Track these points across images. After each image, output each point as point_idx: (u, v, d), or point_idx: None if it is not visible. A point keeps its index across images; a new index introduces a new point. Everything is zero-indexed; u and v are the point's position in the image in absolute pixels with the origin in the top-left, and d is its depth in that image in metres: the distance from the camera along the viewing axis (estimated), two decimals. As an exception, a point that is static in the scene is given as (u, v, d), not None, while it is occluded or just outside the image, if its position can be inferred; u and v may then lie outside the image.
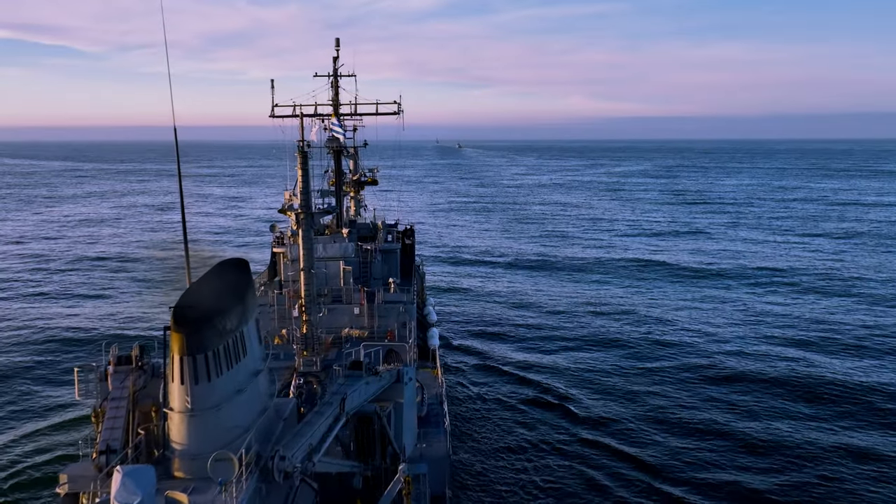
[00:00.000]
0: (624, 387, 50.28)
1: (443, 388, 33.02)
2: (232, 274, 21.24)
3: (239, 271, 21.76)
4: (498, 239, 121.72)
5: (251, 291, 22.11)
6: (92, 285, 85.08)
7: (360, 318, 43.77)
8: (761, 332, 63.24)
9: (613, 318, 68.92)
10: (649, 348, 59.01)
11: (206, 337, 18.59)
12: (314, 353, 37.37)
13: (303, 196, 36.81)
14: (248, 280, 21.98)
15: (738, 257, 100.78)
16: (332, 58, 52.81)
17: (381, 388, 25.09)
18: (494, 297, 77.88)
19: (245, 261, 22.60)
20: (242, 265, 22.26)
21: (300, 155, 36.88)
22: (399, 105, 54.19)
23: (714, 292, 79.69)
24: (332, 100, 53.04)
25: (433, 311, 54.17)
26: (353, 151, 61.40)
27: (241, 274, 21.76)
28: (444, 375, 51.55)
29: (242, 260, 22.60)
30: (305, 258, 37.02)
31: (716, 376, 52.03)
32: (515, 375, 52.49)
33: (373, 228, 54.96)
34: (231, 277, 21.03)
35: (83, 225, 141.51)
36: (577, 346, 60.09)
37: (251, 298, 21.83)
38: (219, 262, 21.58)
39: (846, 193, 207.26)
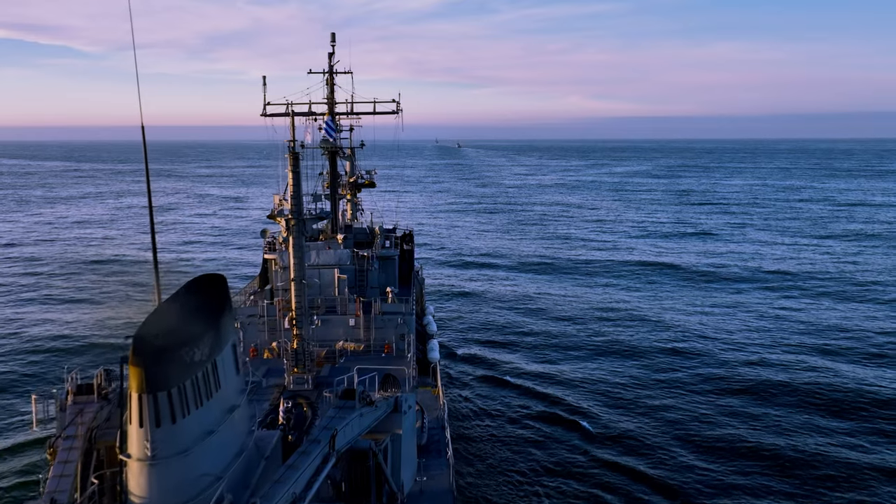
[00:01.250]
0: (638, 399, 47.57)
1: (444, 411, 30.29)
2: (205, 293, 18.42)
3: (214, 289, 18.94)
4: (500, 241, 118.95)
5: (228, 313, 19.32)
6: (83, 289, 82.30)
7: (355, 329, 41.07)
8: (778, 338, 60.54)
9: (622, 323, 66.24)
10: (661, 356, 56.32)
11: (169, 371, 15.85)
12: (305, 370, 34.72)
13: (294, 201, 34.17)
14: (224, 300, 19.18)
15: (748, 260, 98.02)
16: (328, 54, 50.18)
17: (377, 419, 22.37)
18: (497, 302, 75.19)
19: (221, 277, 19.78)
20: (218, 282, 19.43)
21: (291, 156, 34.20)
22: (398, 104, 51.56)
23: (725, 296, 76.98)
24: (327, 98, 50.40)
25: (433, 321, 51.45)
26: (349, 152, 58.81)
27: (217, 293, 18.93)
28: (446, 389, 48.98)
29: (218, 276, 19.77)
30: (296, 268, 34.33)
31: (734, 387, 49.31)
32: (522, 387, 49.75)
33: (370, 233, 52.26)
34: (204, 297, 18.21)
35: (77, 227, 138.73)
36: (586, 355, 57.39)
37: (227, 322, 19.05)
38: (190, 280, 18.79)
39: (852, 194, 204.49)
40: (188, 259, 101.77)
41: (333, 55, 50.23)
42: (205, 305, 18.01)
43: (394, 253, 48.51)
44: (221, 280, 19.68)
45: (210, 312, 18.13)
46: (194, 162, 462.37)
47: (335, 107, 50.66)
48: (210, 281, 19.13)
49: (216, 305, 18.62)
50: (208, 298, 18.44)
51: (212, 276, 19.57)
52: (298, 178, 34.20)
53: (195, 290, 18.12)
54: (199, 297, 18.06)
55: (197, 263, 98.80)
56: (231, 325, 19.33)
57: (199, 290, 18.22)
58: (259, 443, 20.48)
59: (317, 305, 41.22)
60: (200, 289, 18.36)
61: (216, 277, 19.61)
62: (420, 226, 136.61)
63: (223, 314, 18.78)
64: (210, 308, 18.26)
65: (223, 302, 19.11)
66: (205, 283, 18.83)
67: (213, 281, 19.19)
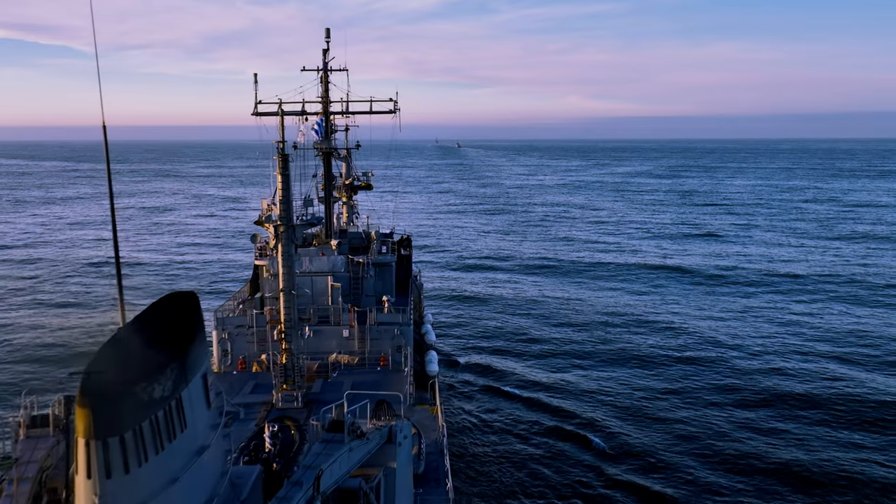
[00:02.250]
0: (648, 411, 45.32)
1: (444, 433, 28.02)
2: (172, 316, 16.07)
3: (183, 311, 16.58)
4: (501, 243, 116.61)
5: (199, 339, 16.97)
6: (75, 294, 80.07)
7: (349, 341, 38.88)
8: (793, 345, 58.32)
9: (629, 328, 64.03)
10: (671, 365, 54.10)
11: (123, 412, 13.55)
12: (295, 387, 32.50)
13: (283, 206, 31.96)
14: (194, 323, 16.80)
15: (756, 262, 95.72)
16: (322, 50, 47.95)
17: (369, 452, 20.09)
18: (499, 307, 72.90)
19: (193, 295, 17.37)
20: (188, 302, 17.02)
21: (280, 158, 31.98)
22: (395, 103, 49.29)
23: (734, 300, 74.78)
24: (321, 97, 48.17)
25: (432, 329, 49.24)
26: (345, 153, 56.63)
27: (186, 315, 16.58)
28: (446, 403, 46.71)
29: (189, 295, 17.35)
30: (285, 277, 32.11)
31: (750, 398, 47.13)
32: (526, 399, 47.49)
33: (365, 238, 50.02)
34: (170, 321, 15.87)
35: (70, 228, 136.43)
36: (593, 363, 55.14)
37: (198, 349, 16.69)
38: (155, 301, 16.46)
39: (857, 194, 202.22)
40: (181, 262, 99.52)
41: (328, 52, 48.02)
42: (171, 330, 15.68)
43: (390, 259, 46.30)
44: (192, 299, 17.30)
45: (177, 339, 15.80)
46: (193, 162, 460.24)
47: (330, 106, 48.46)
48: (179, 301, 16.75)
49: (185, 330, 16.28)
50: (175, 322, 16.11)
51: (181, 294, 17.19)
52: (288, 182, 32.02)
53: (160, 313, 15.76)
54: (164, 320, 15.73)
55: (190, 266, 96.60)
56: (203, 351, 17.00)
57: (164, 313, 15.87)
58: (235, 481, 18.19)
59: (308, 315, 39.05)
60: (166, 311, 16.01)
61: (186, 296, 17.22)
62: (419, 227, 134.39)
63: (193, 340, 16.43)
64: (177, 333, 15.93)
65: (194, 325, 16.77)
66: (172, 304, 16.47)
67: (182, 300, 16.81)
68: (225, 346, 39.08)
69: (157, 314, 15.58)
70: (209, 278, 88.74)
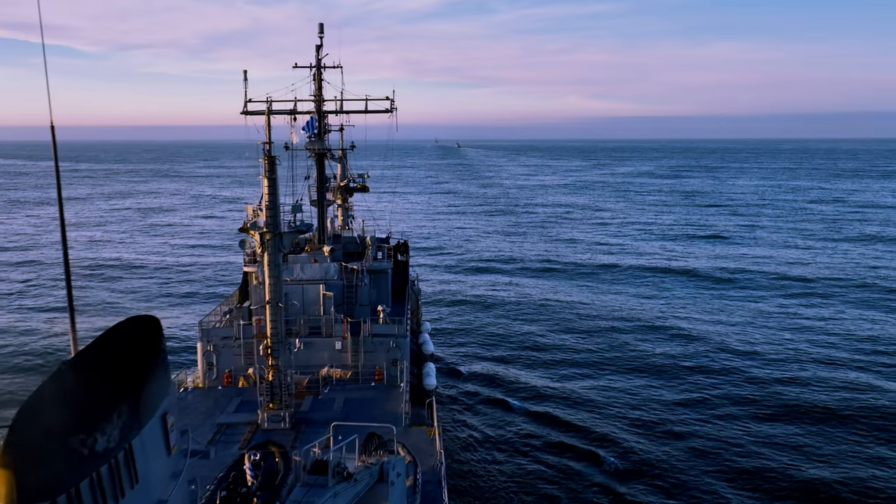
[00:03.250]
0: (661, 423, 42.96)
1: (442, 461, 25.75)
2: (125, 347, 13.67)
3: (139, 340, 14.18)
4: (502, 245, 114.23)
5: (158, 374, 14.57)
6: (60, 298, 77.79)
7: (342, 354, 36.65)
8: (809, 352, 55.93)
9: (638, 335, 61.71)
10: (684, 373, 51.76)
11: (55, 472, 11.22)
12: (282, 406, 30.28)
13: (269, 212, 29.74)
14: (152, 355, 14.38)
15: (765, 264, 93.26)
16: (316, 46, 45.73)
17: (357, 496, 17.80)
18: (501, 312, 70.56)
19: (153, 321, 14.89)
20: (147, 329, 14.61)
21: (266, 161, 29.74)
22: (392, 101, 47.01)
23: (744, 304, 72.42)
24: (314, 95, 45.94)
25: (430, 339, 46.97)
26: (340, 154, 54.47)
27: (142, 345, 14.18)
28: (444, 417, 44.51)
29: (148, 321, 14.89)
30: (272, 289, 29.88)
31: (768, 410, 44.59)
32: (532, 413, 45.04)
33: (360, 244, 47.78)
34: (122, 355, 13.47)
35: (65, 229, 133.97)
36: (602, 372, 52.79)
37: (156, 386, 14.26)
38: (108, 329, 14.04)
39: (862, 195, 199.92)
40: (172, 265, 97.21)
41: (322, 48, 45.78)
42: (123, 365, 13.27)
43: (387, 266, 44.01)
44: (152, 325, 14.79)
45: (130, 375, 13.38)
46: (192, 162, 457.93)
47: (323, 104, 46.22)
48: (135, 327, 14.29)
49: (141, 364, 13.85)
50: (130, 354, 13.69)
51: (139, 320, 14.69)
52: (275, 186, 29.78)
53: (111, 344, 13.33)
54: (115, 353, 13.31)
55: (183, 268, 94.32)
56: (163, 388, 14.57)
57: (116, 344, 13.45)
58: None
59: (299, 326, 36.83)
60: (119, 341, 13.59)
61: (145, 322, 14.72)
62: (418, 228, 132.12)
63: (151, 375, 14.01)
64: (131, 368, 13.51)
65: (153, 357, 14.30)
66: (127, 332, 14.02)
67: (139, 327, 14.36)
68: (210, 359, 36.85)
69: (107, 345, 13.13)
70: (202, 283, 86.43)
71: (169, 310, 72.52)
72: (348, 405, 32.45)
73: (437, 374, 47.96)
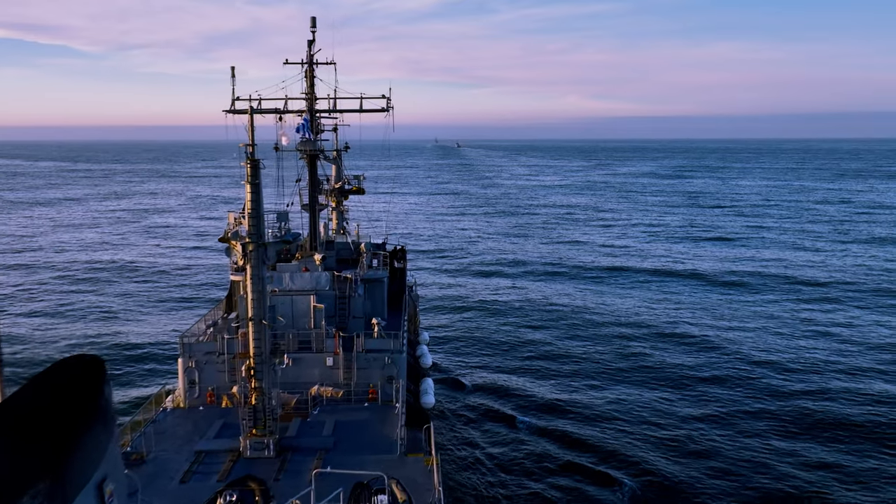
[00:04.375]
0: (680, 440, 40.25)
1: (441, 498, 23.16)
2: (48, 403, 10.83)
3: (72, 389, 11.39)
4: (504, 247, 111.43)
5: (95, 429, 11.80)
6: (51, 302, 75.23)
7: (333, 371, 34.05)
8: (832, 362, 53.21)
9: (649, 343, 59.06)
10: (700, 384, 49.05)
11: None
12: (266, 432, 27.72)
13: (252, 220, 27.22)
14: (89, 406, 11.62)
15: (775, 267, 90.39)
16: (307, 41, 43.16)
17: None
18: (504, 319, 67.78)
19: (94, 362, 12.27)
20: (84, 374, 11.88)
21: (249, 165, 27.23)
22: (388, 100, 44.44)
23: (758, 308, 69.76)
24: (305, 92, 43.38)
25: (428, 351, 44.34)
26: (334, 155, 51.96)
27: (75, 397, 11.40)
28: (446, 433, 41.99)
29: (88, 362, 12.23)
30: (255, 305, 27.33)
31: (796, 426, 41.96)
32: (541, 429, 42.21)
33: (354, 250, 45.22)
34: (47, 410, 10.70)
35: (55, 231, 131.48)
36: (613, 383, 50.09)
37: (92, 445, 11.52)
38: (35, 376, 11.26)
39: (868, 195, 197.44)
40: (165, 268, 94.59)
41: (314, 43, 43.21)
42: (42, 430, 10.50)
43: (382, 275, 41.39)
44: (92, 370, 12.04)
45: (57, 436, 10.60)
46: (191, 162, 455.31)
47: (315, 103, 43.67)
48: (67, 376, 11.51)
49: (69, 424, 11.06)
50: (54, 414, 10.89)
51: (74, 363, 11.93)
52: (259, 193, 27.25)
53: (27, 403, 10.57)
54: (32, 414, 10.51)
55: (174, 272, 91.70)
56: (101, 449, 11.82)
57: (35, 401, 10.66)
58: None
59: (287, 341, 34.25)
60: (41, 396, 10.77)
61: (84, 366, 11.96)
62: (417, 231, 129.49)
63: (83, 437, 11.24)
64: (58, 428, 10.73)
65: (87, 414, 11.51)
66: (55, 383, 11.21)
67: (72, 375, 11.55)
68: (192, 376, 34.25)
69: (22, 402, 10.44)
70: (194, 287, 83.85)
71: (157, 316, 69.97)
72: (339, 429, 29.90)
73: (437, 387, 45.47)
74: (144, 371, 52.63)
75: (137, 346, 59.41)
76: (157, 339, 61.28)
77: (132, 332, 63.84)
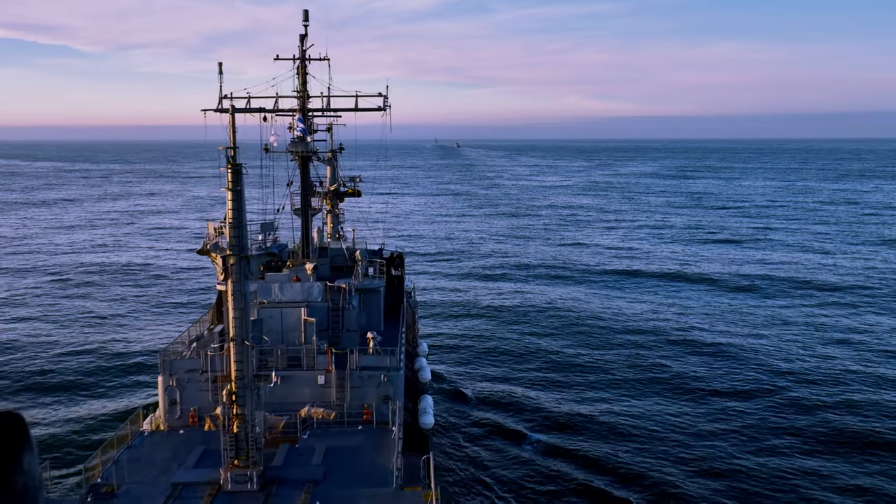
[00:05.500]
0: (700, 458, 38.07)
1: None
2: None
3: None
4: (507, 250, 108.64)
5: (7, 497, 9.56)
6: (39, 305, 72.69)
7: (325, 390, 31.52)
8: (857, 372, 51.07)
9: (661, 351, 56.96)
10: (719, 397, 46.89)
11: None
12: (249, 462, 25.21)
13: (234, 231, 24.62)
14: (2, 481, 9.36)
15: (787, 270, 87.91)
16: (300, 36, 40.70)
17: None
18: (508, 326, 65.17)
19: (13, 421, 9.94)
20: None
21: (230, 171, 24.74)
22: (385, 98, 41.93)
23: (772, 314, 67.89)
24: (297, 90, 40.89)
25: (427, 365, 41.78)
26: (329, 156, 49.53)
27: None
28: (448, 450, 39.51)
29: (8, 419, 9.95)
30: (237, 324, 24.80)
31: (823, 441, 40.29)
32: (550, 446, 40.02)
33: (350, 257, 42.72)
34: None
35: (47, 233, 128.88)
36: (626, 394, 47.80)
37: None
38: None
39: (874, 195, 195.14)
40: (159, 273, 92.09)
41: (306, 37, 40.76)
42: None
43: (378, 285, 38.86)
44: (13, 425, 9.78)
45: None
46: (190, 162, 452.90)
47: (308, 101, 41.19)
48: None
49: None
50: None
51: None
52: (241, 200, 24.71)
53: None
54: None
55: (166, 276, 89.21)
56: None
57: None
58: None
59: (276, 358, 31.73)
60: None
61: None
62: (416, 233, 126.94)
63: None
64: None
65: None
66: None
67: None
68: (173, 396, 31.67)
69: None
70: (186, 293, 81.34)
71: (148, 321, 67.44)
72: (330, 456, 27.40)
73: (437, 400, 43.04)
74: (128, 384, 50.00)
75: (124, 354, 56.88)
76: (146, 346, 58.81)
77: (120, 339, 61.34)
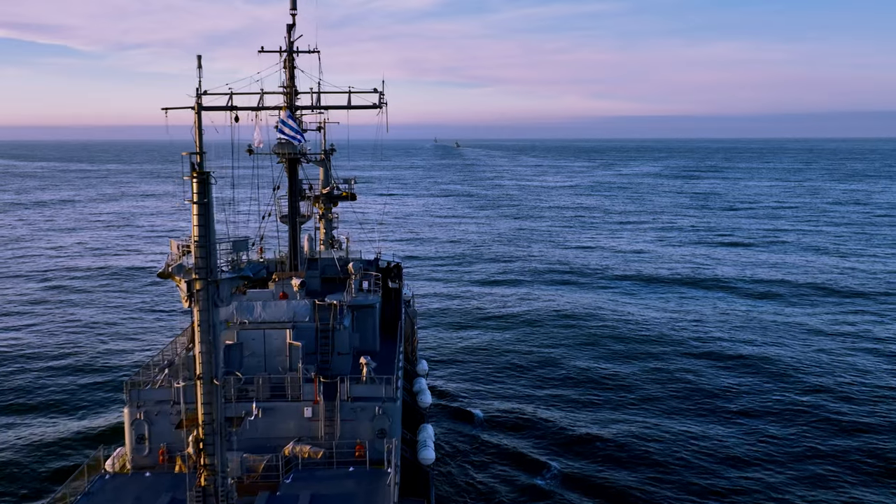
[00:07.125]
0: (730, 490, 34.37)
1: None
2: None
3: None
4: (510, 253, 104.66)
5: None
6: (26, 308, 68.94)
7: (313, 423, 27.75)
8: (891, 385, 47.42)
9: (679, 362, 53.89)
10: (747, 416, 43.75)
11: None
12: (220, 518, 21.46)
13: (200, 251, 20.80)
14: None
15: (802, 275, 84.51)
16: (287, 25, 36.99)
17: None
18: (513, 334, 61.57)
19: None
20: None
21: (195, 180, 21.12)
22: (381, 95, 38.05)
23: (791, 321, 64.55)
24: (284, 85, 37.14)
25: (427, 387, 37.90)
26: (322, 157, 45.84)
27: None
28: (454, 481, 35.79)
29: None
30: (204, 359, 21.01)
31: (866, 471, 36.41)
32: (564, 475, 36.63)
33: (342, 268, 38.92)
34: None
35: (38, 235, 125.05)
36: (646, 412, 44.50)
37: None
38: None
39: (883, 195, 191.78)
40: (155, 278, 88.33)
41: (294, 28, 37.05)
42: None
43: (374, 301, 35.06)
44: None
45: None
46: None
47: (296, 98, 37.43)
48: None
49: None
50: None
51: None
52: (209, 216, 21.00)
53: None
54: None
55: (162, 282, 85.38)
56: None
57: None
58: None
59: (256, 388, 27.97)
60: None
61: None
62: (416, 236, 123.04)
63: None
64: None
65: None
66: None
67: None
68: (140, 430, 27.81)
69: None
70: (180, 300, 77.54)
71: (133, 330, 63.71)
72: None
73: (440, 421, 39.46)
74: (98, 411, 45.82)
75: (103, 369, 53.13)
76: (126, 360, 55.11)
77: (99, 354, 57.54)
